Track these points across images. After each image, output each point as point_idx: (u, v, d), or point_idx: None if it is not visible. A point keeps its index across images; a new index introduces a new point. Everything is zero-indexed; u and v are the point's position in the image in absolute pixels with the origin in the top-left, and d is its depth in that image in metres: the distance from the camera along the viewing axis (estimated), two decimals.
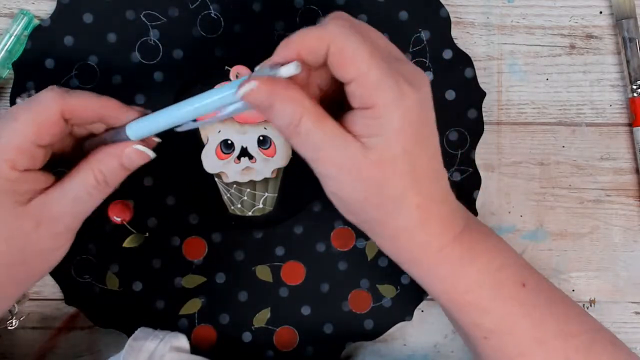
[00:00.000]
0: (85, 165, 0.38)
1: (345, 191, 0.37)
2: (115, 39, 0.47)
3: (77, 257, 0.47)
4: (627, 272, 0.50)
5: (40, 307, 0.49)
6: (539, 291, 0.40)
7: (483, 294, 0.38)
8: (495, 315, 0.39)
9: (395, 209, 0.37)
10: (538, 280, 0.40)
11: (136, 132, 0.38)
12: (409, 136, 0.35)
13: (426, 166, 0.37)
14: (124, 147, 0.38)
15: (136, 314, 0.48)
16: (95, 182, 0.38)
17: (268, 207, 0.49)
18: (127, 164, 0.38)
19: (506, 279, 0.39)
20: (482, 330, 0.39)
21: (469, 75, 0.48)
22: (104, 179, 0.38)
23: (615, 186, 0.50)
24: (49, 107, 0.37)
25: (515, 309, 0.38)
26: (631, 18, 0.48)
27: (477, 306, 0.39)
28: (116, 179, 0.39)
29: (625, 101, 0.50)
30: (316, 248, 0.48)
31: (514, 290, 0.39)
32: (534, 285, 0.39)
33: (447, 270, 0.38)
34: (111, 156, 0.38)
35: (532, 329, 0.38)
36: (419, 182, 0.36)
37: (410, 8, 0.48)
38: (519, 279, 0.39)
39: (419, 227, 0.37)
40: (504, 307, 0.39)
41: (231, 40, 0.47)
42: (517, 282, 0.39)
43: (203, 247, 0.48)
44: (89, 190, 0.38)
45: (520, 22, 0.49)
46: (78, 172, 0.38)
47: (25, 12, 0.47)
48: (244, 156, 0.48)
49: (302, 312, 0.48)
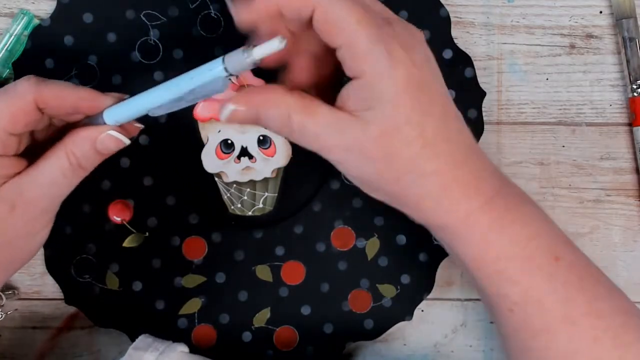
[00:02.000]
0: (60, 147, 0.37)
1: (357, 172, 0.36)
2: (115, 38, 0.47)
3: (77, 257, 0.47)
4: (627, 272, 0.50)
5: (40, 307, 0.49)
6: (573, 266, 0.38)
7: (512, 265, 0.37)
8: (523, 287, 0.37)
9: (411, 180, 0.35)
10: (573, 254, 0.39)
11: (113, 118, 0.38)
12: (408, 103, 0.34)
13: (436, 129, 0.35)
14: (98, 132, 0.37)
15: (136, 313, 0.48)
16: (69, 164, 0.37)
17: (268, 207, 0.49)
18: (101, 148, 0.37)
19: (538, 251, 0.37)
20: (509, 302, 0.37)
21: (469, 75, 0.48)
22: (77, 162, 0.37)
23: (615, 186, 0.50)
24: (23, 96, 0.36)
25: (544, 283, 0.37)
26: (631, 18, 0.48)
27: (505, 276, 0.37)
28: (90, 162, 0.38)
29: (625, 101, 0.50)
30: (316, 248, 0.48)
31: (545, 264, 0.37)
32: (568, 260, 0.38)
33: (477, 237, 0.37)
34: (85, 140, 0.37)
35: (560, 306, 0.37)
36: (430, 147, 0.35)
37: (410, 8, 0.48)
38: (552, 252, 0.38)
39: (441, 193, 0.36)
40: (533, 280, 0.37)
41: (231, 41, 0.47)
42: (549, 255, 0.37)
43: (203, 247, 0.48)
44: (63, 173, 0.37)
45: (520, 22, 0.49)
46: (52, 155, 0.37)
47: (25, 12, 0.47)
48: (244, 156, 0.48)
49: (302, 312, 0.48)
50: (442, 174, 0.35)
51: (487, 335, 0.50)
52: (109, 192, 0.47)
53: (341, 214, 0.48)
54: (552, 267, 0.37)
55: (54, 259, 0.47)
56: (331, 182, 0.48)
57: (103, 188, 0.47)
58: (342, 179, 0.48)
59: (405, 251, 0.48)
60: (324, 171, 0.48)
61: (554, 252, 0.38)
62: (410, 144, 0.34)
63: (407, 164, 0.35)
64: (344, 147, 0.35)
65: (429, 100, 0.35)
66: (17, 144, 0.38)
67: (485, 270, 0.37)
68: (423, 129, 0.34)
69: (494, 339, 0.50)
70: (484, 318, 0.50)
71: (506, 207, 0.37)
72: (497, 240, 0.37)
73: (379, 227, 0.48)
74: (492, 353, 0.50)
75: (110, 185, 0.47)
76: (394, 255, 0.48)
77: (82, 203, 0.47)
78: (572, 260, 0.38)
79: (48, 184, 0.37)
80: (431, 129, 0.35)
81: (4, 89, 0.37)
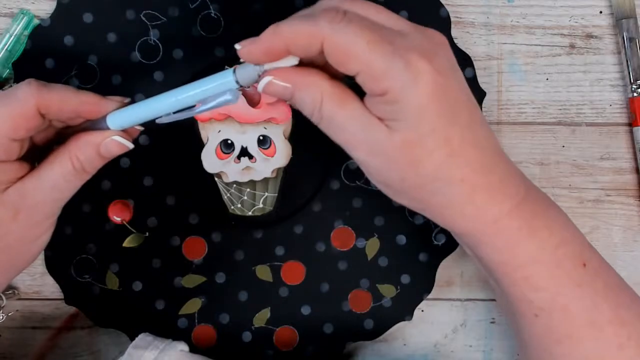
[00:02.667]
0: (63, 151, 0.37)
1: (380, 175, 0.36)
2: (115, 38, 0.47)
3: (77, 257, 0.47)
4: (627, 272, 0.50)
5: (40, 307, 0.49)
6: (598, 273, 0.38)
7: (540, 270, 0.37)
8: (550, 293, 0.37)
9: (436, 187, 0.35)
10: (598, 261, 0.39)
11: (117, 123, 0.38)
12: (434, 112, 0.33)
13: (462, 136, 0.34)
14: (102, 137, 0.37)
15: (136, 313, 0.48)
16: (73, 169, 0.37)
17: (268, 207, 0.49)
18: (105, 153, 0.38)
19: (565, 257, 0.37)
20: (534, 308, 0.37)
21: (469, 75, 0.48)
22: (81, 166, 0.37)
23: (615, 186, 0.50)
24: (25, 102, 0.36)
25: (570, 289, 0.37)
26: (631, 18, 0.48)
27: (532, 282, 0.37)
28: (93, 166, 0.38)
29: (625, 101, 0.50)
30: (316, 248, 0.48)
31: (572, 270, 0.37)
32: (594, 267, 0.38)
33: (504, 242, 0.36)
34: (89, 145, 0.37)
35: (586, 312, 0.37)
36: (457, 155, 0.34)
37: (410, 8, 0.48)
38: (580, 258, 0.37)
39: (467, 200, 0.35)
40: (560, 286, 0.37)
41: (231, 40, 0.47)
42: (576, 262, 0.37)
43: (203, 247, 0.48)
44: (66, 177, 0.37)
45: (520, 22, 0.49)
46: (55, 159, 0.37)
47: (25, 12, 0.47)
48: (244, 156, 0.48)
49: (302, 312, 0.48)
50: (470, 181, 0.35)
51: (487, 335, 0.50)
52: (109, 192, 0.47)
53: (341, 214, 0.48)
54: (580, 273, 0.37)
55: (54, 259, 0.47)
56: (331, 182, 0.48)
57: (103, 188, 0.47)
58: (342, 179, 0.48)
59: (405, 251, 0.48)
60: (324, 171, 0.48)
61: (581, 258, 0.38)
62: (435, 153, 0.34)
63: (432, 172, 0.34)
64: (368, 147, 0.34)
65: (454, 107, 0.34)
66: (19, 149, 0.37)
67: (512, 276, 0.37)
68: (449, 137, 0.34)
69: (494, 339, 0.50)
70: (484, 318, 0.50)
71: (533, 212, 0.37)
72: (526, 245, 0.37)
73: (379, 227, 0.48)
74: (492, 353, 0.50)
75: (110, 185, 0.47)
76: (394, 255, 0.48)
77: (82, 203, 0.47)
78: (598, 266, 0.38)
79: (51, 188, 0.37)
80: (458, 137, 0.34)
81: (5, 94, 0.37)
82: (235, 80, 0.35)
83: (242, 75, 0.35)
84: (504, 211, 0.36)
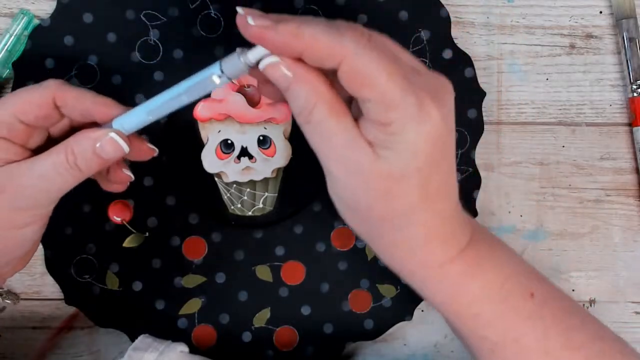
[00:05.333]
0: (62, 143, 0.37)
1: (349, 196, 0.35)
2: (115, 39, 0.47)
3: (77, 257, 0.47)
4: (627, 272, 0.50)
5: (40, 307, 0.49)
6: (547, 301, 0.39)
7: (487, 308, 0.37)
8: (501, 327, 0.38)
9: (399, 224, 0.35)
10: (546, 289, 0.39)
11: (120, 125, 0.37)
12: (426, 157, 0.33)
13: (439, 184, 0.35)
14: (101, 133, 0.37)
15: (136, 314, 0.48)
16: (66, 161, 0.37)
17: (268, 207, 0.49)
18: (99, 151, 0.37)
19: (513, 291, 0.38)
20: (488, 343, 0.38)
21: (469, 75, 0.48)
22: (74, 160, 0.37)
23: (615, 186, 0.50)
24: (44, 89, 0.37)
25: (520, 322, 0.38)
26: (631, 18, 0.48)
27: (481, 319, 0.38)
28: (88, 164, 0.37)
29: (625, 101, 0.50)
30: (316, 248, 0.48)
31: (520, 302, 0.38)
32: (542, 296, 0.38)
33: (448, 285, 0.37)
34: (86, 139, 0.37)
35: (539, 341, 0.37)
36: (429, 200, 0.35)
37: (410, 8, 0.47)
38: (527, 289, 0.38)
39: (421, 245, 0.36)
40: (510, 319, 0.38)
41: (231, 40, 0.47)
42: (524, 293, 0.38)
43: (203, 247, 0.48)
44: (57, 169, 0.37)
45: (520, 22, 0.49)
46: (53, 149, 0.37)
47: (25, 12, 0.47)
48: (244, 156, 0.48)
49: (302, 312, 0.48)
50: (430, 228, 0.36)
51: None
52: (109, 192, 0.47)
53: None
54: (527, 306, 0.38)
55: (54, 259, 0.47)
56: None
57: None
58: None
59: None
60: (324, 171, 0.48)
61: (528, 290, 0.38)
62: (412, 192, 0.34)
63: (402, 209, 0.35)
64: (348, 166, 0.34)
65: (442, 155, 0.35)
66: (26, 135, 0.38)
67: (460, 314, 0.38)
68: (429, 181, 0.34)
69: None
70: None
71: (478, 256, 0.38)
72: (470, 288, 0.37)
73: None
74: None
75: None
76: None
77: (82, 203, 0.47)
78: (545, 294, 0.39)
79: (39, 175, 0.37)
80: (436, 184, 0.35)
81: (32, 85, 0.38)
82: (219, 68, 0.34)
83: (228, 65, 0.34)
84: (449, 257, 0.37)
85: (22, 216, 0.38)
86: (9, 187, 0.37)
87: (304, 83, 0.33)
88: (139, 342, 0.43)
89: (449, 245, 0.37)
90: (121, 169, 0.40)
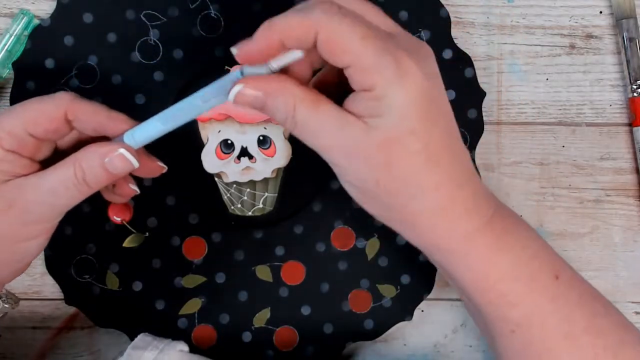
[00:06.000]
0: (71, 157, 0.37)
1: (354, 177, 0.35)
2: (115, 39, 0.47)
3: (77, 257, 0.47)
4: (627, 272, 0.50)
5: (40, 307, 0.49)
6: (571, 284, 0.38)
7: (515, 286, 0.36)
8: (526, 308, 0.37)
9: (410, 193, 0.35)
10: (570, 272, 0.39)
11: (132, 138, 0.37)
12: (416, 114, 0.33)
13: (440, 144, 0.34)
14: (109, 148, 0.37)
15: (136, 314, 0.48)
16: (74, 177, 0.36)
17: (268, 207, 0.49)
18: (109, 166, 0.37)
19: (539, 270, 0.37)
20: (510, 324, 0.37)
21: (469, 75, 0.48)
22: (82, 175, 0.36)
23: (615, 186, 0.50)
24: (56, 103, 0.37)
25: (546, 302, 0.37)
26: (631, 18, 0.48)
27: (507, 299, 0.37)
28: (96, 179, 0.37)
29: (625, 101, 0.50)
30: (316, 248, 0.48)
31: (547, 283, 0.37)
32: (567, 278, 0.38)
33: (477, 260, 0.36)
34: (95, 154, 0.37)
35: (562, 324, 0.37)
36: (433, 161, 0.34)
37: (410, 8, 0.48)
38: (552, 270, 0.37)
39: (441, 211, 0.35)
40: (536, 299, 0.37)
41: (231, 40, 0.47)
42: (550, 274, 0.37)
43: (203, 247, 0.48)
44: (66, 184, 0.37)
45: (520, 22, 0.49)
46: (62, 164, 0.37)
47: (25, 12, 0.47)
48: (244, 156, 0.48)
49: (302, 312, 0.48)
50: (443, 191, 0.35)
51: None
52: None
53: (341, 214, 0.48)
54: (554, 286, 0.37)
55: (54, 259, 0.47)
56: (331, 182, 0.48)
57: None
58: None
59: (405, 251, 0.48)
60: (324, 171, 0.48)
61: (554, 271, 0.38)
62: (413, 155, 0.34)
63: (408, 175, 0.34)
64: (344, 148, 0.34)
65: (436, 113, 0.34)
66: (35, 148, 0.37)
67: (486, 294, 0.37)
68: (428, 141, 0.34)
69: None
70: None
71: (504, 229, 0.37)
72: (499, 262, 0.36)
73: (379, 227, 0.48)
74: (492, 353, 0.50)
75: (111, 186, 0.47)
76: (394, 255, 0.48)
77: (82, 203, 0.47)
78: (570, 277, 0.38)
79: (48, 190, 0.37)
80: (436, 143, 0.34)
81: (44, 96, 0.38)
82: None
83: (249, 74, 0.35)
84: (475, 227, 0.36)
85: (29, 230, 0.38)
86: (17, 202, 0.37)
87: (275, 94, 0.34)
88: (139, 341, 0.43)
89: (472, 214, 0.36)
90: (127, 184, 0.40)
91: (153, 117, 0.37)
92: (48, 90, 0.46)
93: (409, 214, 0.36)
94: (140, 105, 0.47)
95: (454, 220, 0.36)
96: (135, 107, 0.47)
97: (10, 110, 0.37)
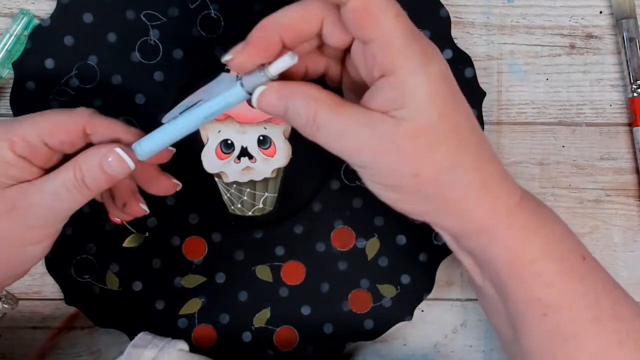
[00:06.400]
0: (72, 160, 0.37)
1: (387, 177, 0.34)
2: (115, 39, 0.47)
3: (77, 257, 0.47)
4: (627, 272, 0.50)
5: (40, 307, 0.49)
6: (596, 267, 0.38)
7: (549, 266, 0.36)
8: (558, 289, 0.36)
9: (451, 177, 0.34)
10: (592, 256, 0.38)
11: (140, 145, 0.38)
12: (443, 99, 0.33)
13: (467, 124, 0.34)
14: (107, 148, 0.37)
15: (136, 314, 0.48)
16: (74, 178, 0.37)
17: (268, 207, 0.49)
18: (107, 167, 0.37)
19: (568, 251, 0.37)
20: (541, 306, 0.36)
21: (469, 75, 0.48)
22: (82, 177, 0.37)
23: (615, 186, 0.50)
24: (75, 116, 0.38)
25: (577, 284, 0.36)
26: (631, 18, 0.48)
27: (541, 279, 0.36)
28: (95, 182, 0.37)
29: (625, 101, 0.50)
30: (316, 248, 0.48)
31: (575, 263, 0.37)
32: (592, 261, 0.38)
33: (514, 238, 0.36)
34: (93, 154, 0.37)
35: (590, 308, 0.36)
36: (466, 142, 0.34)
37: (410, 8, 0.47)
38: (578, 251, 0.37)
39: (483, 189, 0.35)
40: (566, 281, 0.36)
41: (231, 40, 0.47)
42: (577, 254, 0.37)
43: (203, 247, 0.48)
44: (67, 186, 0.37)
45: (520, 22, 0.49)
46: (63, 167, 0.38)
47: (25, 12, 0.47)
48: (244, 156, 0.48)
49: (302, 312, 0.48)
50: (480, 169, 0.35)
51: (487, 335, 0.50)
52: None
53: (341, 214, 0.48)
54: (582, 267, 0.37)
55: (54, 259, 0.47)
56: (331, 182, 0.48)
57: None
58: (342, 179, 0.48)
59: (405, 251, 0.48)
60: (324, 171, 0.48)
61: (580, 251, 0.37)
62: (447, 139, 0.33)
63: (446, 159, 0.34)
64: (374, 146, 0.33)
65: (459, 98, 0.35)
66: (47, 158, 0.38)
67: (521, 274, 0.36)
68: (457, 124, 0.34)
69: (494, 339, 0.50)
70: (484, 318, 0.50)
71: (535, 207, 0.37)
72: (534, 241, 0.36)
73: (379, 227, 0.48)
74: (492, 353, 0.50)
75: None
76: (394, 255, 0.48)
77: None
78: (593, 259, 0.38)
79: (51, 193, 0.37)
80: (464, 124, 0.34)
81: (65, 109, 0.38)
82: (245, 91, 0.35)
83: (249, 84, 0.35)
84: (515, 202, 0.36)
85: (33, 234, 0.38)
86: (20, 205, 0.37)
87: (297, 96, 0.34)
88: (139, 339, 0.43)
89: (510, 189, 0.36)
90: (137, 203, 0.41)
91: (158, 128, 0.38)
92: (48, 90, 0.46)
93: (451, 199, 0.35)
94: (140, 105, 0.47)
95: (497, 196, 0.35)
96: (135, 107, 0.47)
97: (28, 118, 0.38)
